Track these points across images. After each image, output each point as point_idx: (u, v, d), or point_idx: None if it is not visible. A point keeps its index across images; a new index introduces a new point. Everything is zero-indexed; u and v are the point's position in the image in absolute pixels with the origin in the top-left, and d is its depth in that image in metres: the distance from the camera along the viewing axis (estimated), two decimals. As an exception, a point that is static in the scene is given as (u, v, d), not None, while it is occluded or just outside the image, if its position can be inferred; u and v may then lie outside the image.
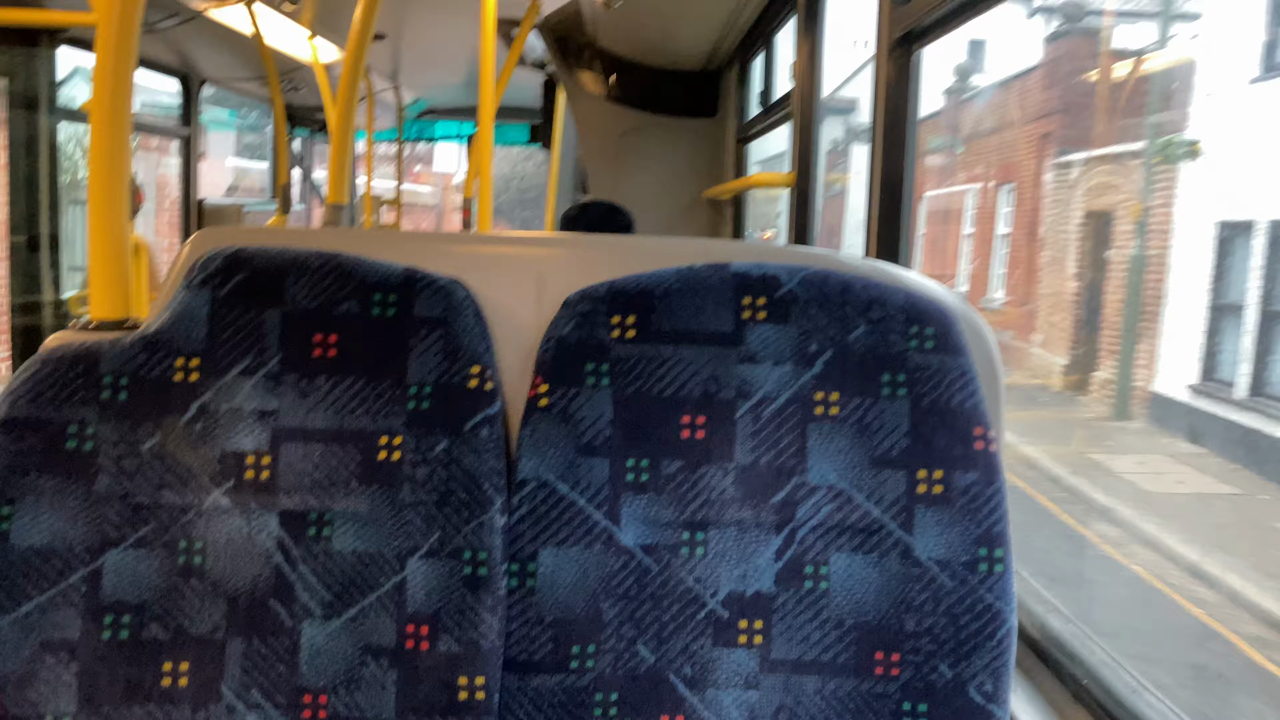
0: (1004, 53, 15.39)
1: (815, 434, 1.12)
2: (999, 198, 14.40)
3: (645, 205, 4.32)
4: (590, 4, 3.50)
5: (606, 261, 1.21)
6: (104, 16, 1.29)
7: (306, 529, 1.09)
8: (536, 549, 1.10)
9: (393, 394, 1.11)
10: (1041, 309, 12.60)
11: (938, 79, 15.96)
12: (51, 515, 1.07)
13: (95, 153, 1.31)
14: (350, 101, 2.30)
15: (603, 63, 4.36)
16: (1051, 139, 12.83)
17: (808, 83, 2.77)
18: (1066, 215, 12.10)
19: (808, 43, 2.74)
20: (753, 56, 3.83)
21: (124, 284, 1.32)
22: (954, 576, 1.09)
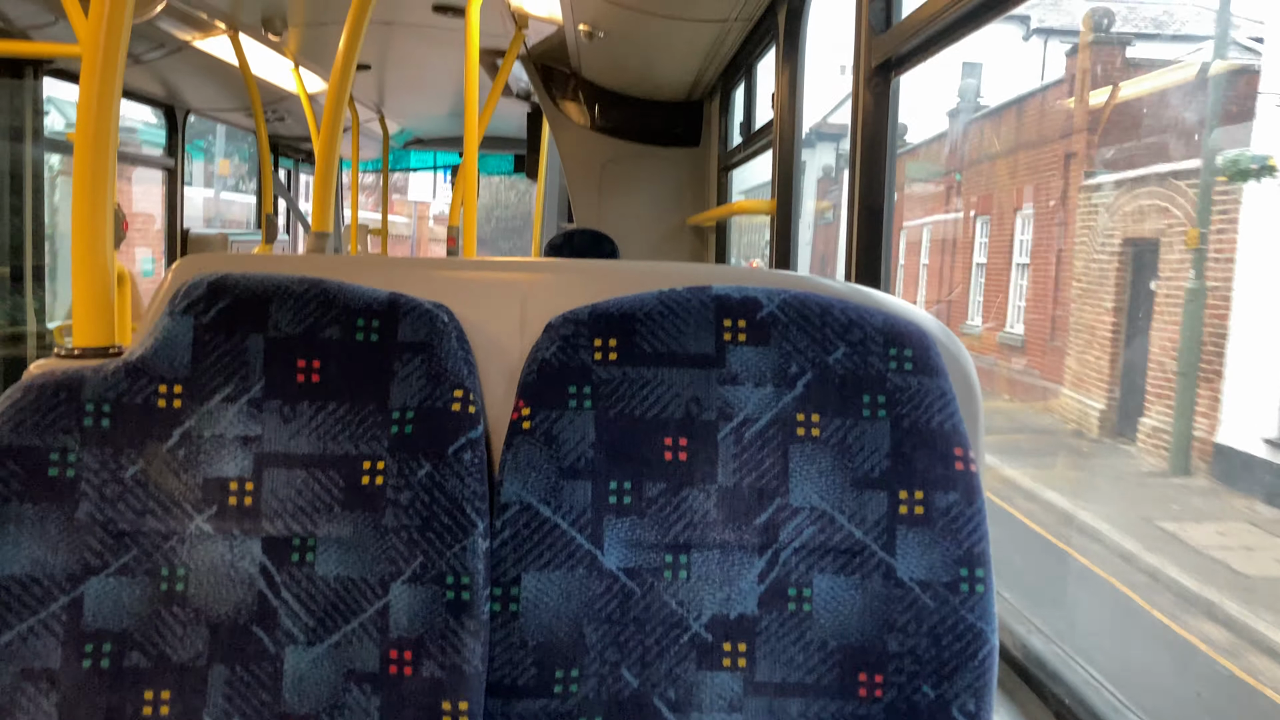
0: (1004, 75, 15.07)
1: (797, 455, 1.13)
2: (1016, 224, 13.42)
3: (629, 233, 4.35)
4: (574, 35, 3.54)
5: (589, 285, 1.22)
6: (89, 48, 1.30)
7: (289, 555, 1.09)
8: (519, 573, 1.10)
9: (376, 419, 1.11)
10: (1071, 345, 11.41)
11: (937, 100, 15.52)
12: (32, 543, 1.06)
13: (79, 182, 1.32)
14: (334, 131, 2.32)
15: (586, 93, 4.39)
16: (1078, 159, 11.60)
17: (788, 112, 2.81)
18: (1100, 242, 11.00)
19: (787, 72, 2.77)
20: (734, 86, 3.87)
21: (108, 311, 1.33)
22: (936, 597, 1.10)
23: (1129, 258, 10.27)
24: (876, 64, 1.87)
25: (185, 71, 4.68)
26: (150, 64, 4.34)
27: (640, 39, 3.47)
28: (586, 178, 4.48)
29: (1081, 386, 10.72)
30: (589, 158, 4.45)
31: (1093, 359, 10.69)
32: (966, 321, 13.92)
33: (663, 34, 3.35)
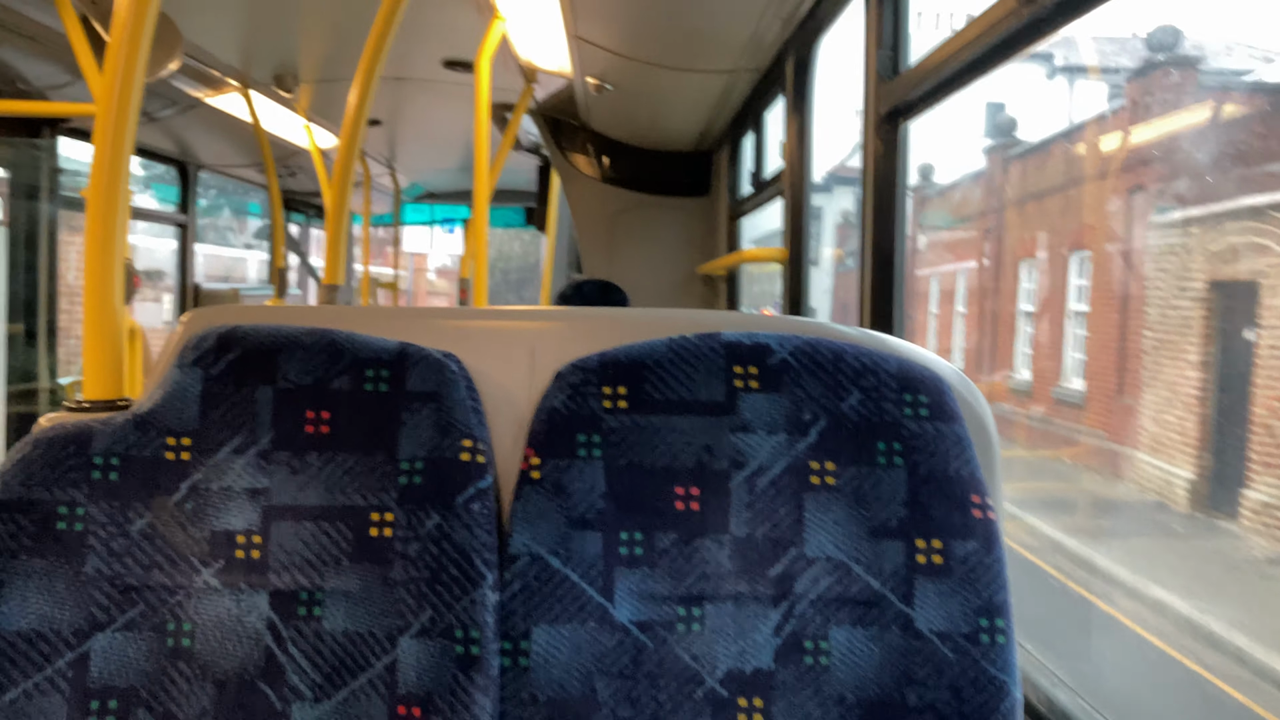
0: (1030, 114, 14.48)
1: (812, 504, 1.11)
2: (1069, 267, 11.96)
3: (640, 283, 4.37)
4: (583, 89, 3.58)
5: (598, 334, 1.22)
6: (103, 106, 1.31)
7: (297, 609, 1.07)
8: (529, 626, 1.08)
9: (384, 469, 1.10)
10: (1146, 403, 9.80)
11: (964, 138, 14.92)
12: (39, 598, 1.05)
13: (91, 238, 1.33)
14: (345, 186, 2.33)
15: (595, 145, 4.43)
16: (1145, 193, 10.06)
17: (797, 160, 2.82)
18: (1178, 286, 9.48)
19: (796, 121, 2.79)
20: (743, 135, 3.90)
21: (118, 365, 1.32)
22: (956, 649, 1.07)
23: (1217, 303, 8.66)
24: (885, 111, 1.88)
25: (198, 128, 4.74)
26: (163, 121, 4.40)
27: (649, 91, 3.50)
28: (596, 229, 4.50)
29: (1162, 451, 9.08)
30: (598, 209, 4.47)
31: (1175, 419, 9.03)
32: (1012, 375, 13.03)
33: (671, 86, 3.38)
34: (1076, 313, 11.79)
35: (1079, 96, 15.19)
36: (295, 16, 3.22)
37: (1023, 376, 12.68)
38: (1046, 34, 1.30)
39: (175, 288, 5.81)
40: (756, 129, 3.62)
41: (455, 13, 3.03)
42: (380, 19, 2.06)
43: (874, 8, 1.93)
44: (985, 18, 1.40)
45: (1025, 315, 13.05)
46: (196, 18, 3.07)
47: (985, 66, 1.50)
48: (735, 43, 2.84)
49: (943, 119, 2.21)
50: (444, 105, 4.42)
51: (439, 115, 4.77)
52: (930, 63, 1.64)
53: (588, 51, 3.07)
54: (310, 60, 3.74)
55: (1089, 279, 11.42)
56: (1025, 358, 12.68)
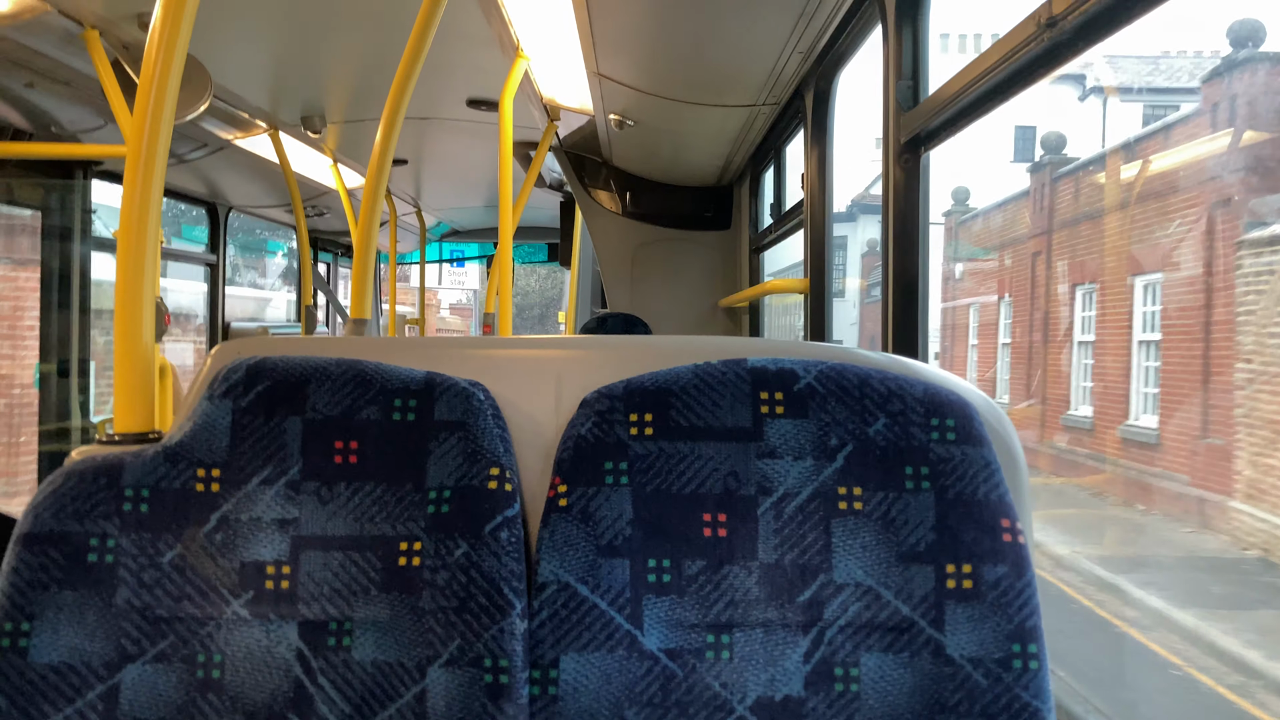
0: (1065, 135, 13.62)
1: (840, 530, 1.10)
2: (1136, 293, 10.55)
3: (663, 316, 4.38)
4: (604, 125, 3.61)
5: (623, 361, 1.22)
6: (133, 148, 1.34)
7: (326, 639, 1.07)
8: (558, 655, 1.08)
9: (413, 498, 1.11)
10: (1242, 445, 8.38)
11: (998, 161, 14.52)
12: (70, 631, 1.06)
13: (122, 276, 1.35)
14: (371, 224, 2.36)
15: (618, 181, 4.47)
16: (1231, 209, 8.61)
17: (818, 192, 2.83)
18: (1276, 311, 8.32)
19: (816, 153, 2.80)
20: (763, 169, 3.92)
21: (148, 398, 1.34)
22: (988, 675, 1.06)
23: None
24: (906, 140, 1.89)
25: (226, 169, 4.81)
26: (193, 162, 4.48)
27: (670, 127, 3.53)
28: (619, 263, 4.53)
29: (1263, 499, 7.85)
30: (621, 243, 4.50)
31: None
32: (1069, 412, 11.84)
33: (692, 121, 3.41)
34: (1145, 342, 10.53)
35: (1113, 117, 14.79)
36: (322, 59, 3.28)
37: (1081, 412, 11.59)
38: (1067, 59, 1.31)
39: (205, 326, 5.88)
40: (777, 162, 3.64)
41: (479, 53, 3.07)
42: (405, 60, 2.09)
43: (893, 39, 1.94)
44: (1004, 43, 1.40)
45: (1083, 346, 11.71)
46: (225, 61, 3.13)
47: (1006, 93, 1.51)
48: (755, 78, 2.86)
49: (969, 143, 2.14)
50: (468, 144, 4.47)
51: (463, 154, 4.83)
52: (949, 91, 1.65)
53: (609, 89, 3.10)
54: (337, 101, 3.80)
55: (1158, 304, 10.23)
56: (1084, 392, 11.50)
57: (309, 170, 4.96)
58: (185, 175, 4.85)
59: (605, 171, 4.46)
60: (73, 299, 4.20)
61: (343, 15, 2.79)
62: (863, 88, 2.47)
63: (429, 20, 1.96)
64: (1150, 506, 9.36)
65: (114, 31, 2.71)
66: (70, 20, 2.61)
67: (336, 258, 8.72)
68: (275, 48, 3.15)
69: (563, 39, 2.80)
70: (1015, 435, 1.20)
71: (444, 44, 2.76)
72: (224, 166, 4.71)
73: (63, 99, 3.34)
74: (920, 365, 1.23)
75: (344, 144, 4.52)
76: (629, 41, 2.67)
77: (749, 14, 2.34)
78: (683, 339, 1.27)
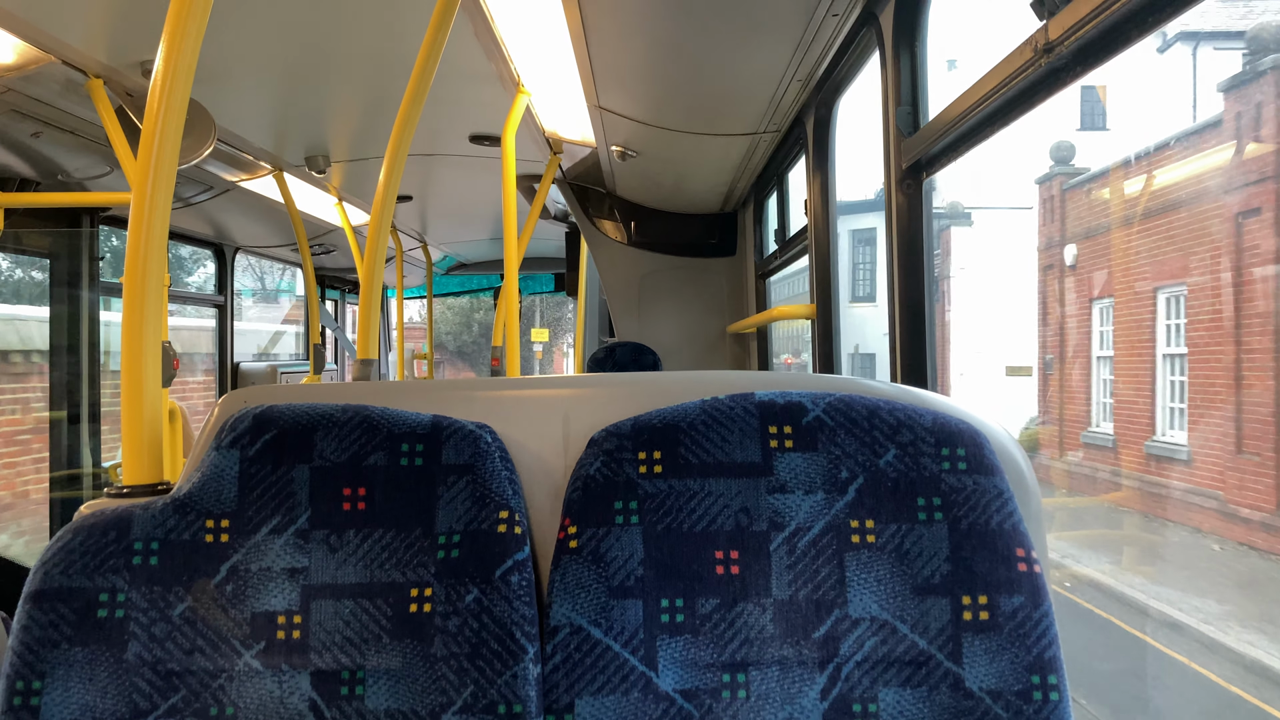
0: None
1: (853, 564, 1.09)
2: (1158, 305, 9.62)
3: (671, 344, 4.38)
4: (607, 156, 3.62)
5: (631, 398, 1.22)
6: (139, 192, 1.34)
7: (339, 688, 1.07)
8: (572, 699, 1.07)
9: (422, 544, 1.10)
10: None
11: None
12: (82, 688, 1.05)
13: (129, 322, 1.35)
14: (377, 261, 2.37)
15: (622, 211, 4.48)
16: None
17: (821, 217, 2.83)
18: None
19: (819, 178, 2.81)
20: (766, 195, 3.92)
21: (157, 449, 1.34)
22: (1008, 708, 1.05)
23: None
24: (907, 165, 1.89)
25: (232, 211, 4.84)
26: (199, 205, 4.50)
27: (672, 156, 3.54)
28: (626, 292, 4.53)
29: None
30: (627, 273, 4.51)
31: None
32: (1091, 428, 11.34)
33: (694, 150, 3.42)
34: (1169, 356, 9.98)
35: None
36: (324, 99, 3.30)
37: (1103, 430, 11.28)
38: (1066, 83, 1.31)
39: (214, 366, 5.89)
40: (779, 188, 3.65)
41: (480, 89, 3.09)
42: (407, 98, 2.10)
43: (890, 65, 1.95)
44: (1002, 69, 1.40)
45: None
46: (228, 104, 3.16)
47: (1005, 117, 1.51)
48: (755, 106, 2.87)
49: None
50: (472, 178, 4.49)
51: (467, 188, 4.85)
52: (949, 116, 1.65)
53: (611, 121, 3.12)
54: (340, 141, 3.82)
55: (1183, 317, 9.44)
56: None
57: (314, 209, 4.99)
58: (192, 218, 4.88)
59: (609, 202, 4.47)
60: (82, 344, 4.22)
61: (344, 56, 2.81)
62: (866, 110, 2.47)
63: (430, 58, 1.97)
64: (1193, 524, 8.82)
65: (118, 80, 2.73)
66: (75, 70, 2.63)
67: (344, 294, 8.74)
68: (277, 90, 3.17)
69: (563, 73, 2.82)
70: (1028, 463, 1.19)
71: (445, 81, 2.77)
72: (230, 208, 4.74)
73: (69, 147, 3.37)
74: (928, 394, 1.22)
75: (348, 182, 4.54)
76: (629, 74, 2.69)
77: (747, 44, 2.35)
78: (689, 374, 1.26)
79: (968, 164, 13.57)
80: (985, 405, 1.34)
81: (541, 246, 6.84)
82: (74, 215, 4.17)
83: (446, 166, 4.29)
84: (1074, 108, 15.65)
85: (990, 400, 13.98)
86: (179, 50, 1.34)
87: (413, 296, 8.92)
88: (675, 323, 4.50)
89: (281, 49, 2.74)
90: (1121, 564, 9.43)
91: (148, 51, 2.59)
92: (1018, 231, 15.31)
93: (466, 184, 4.72)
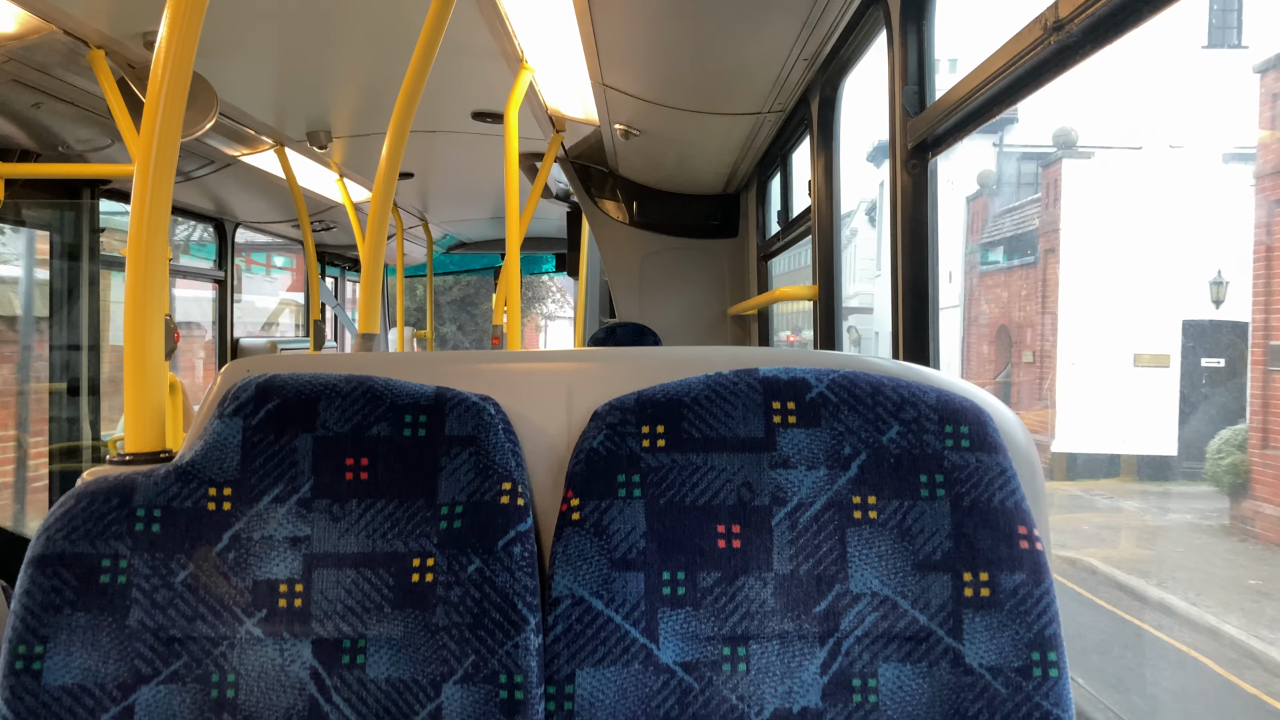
0: None
1: (855, 539, 1.10)
2: None
3: (672, 325, 4.38)
4: (610, 135, 3.61)
5: (634, 373, 1.22)
6: (141, 166, 1.34)
7: (340, 657, 1.07)
8: (573, 669, 1.07)
9: (424, 514, 1.10)
10: None
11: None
12: (84, 652, 1.05)
13: (131, 294, 1.34)
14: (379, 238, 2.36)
15: (624, 191, 4.47)
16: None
17: (825, 198, 2.82)
18: None
19: (823, 159, 2.80)
20: (770, 176, 3.92)
21: (159, 418, 1.34)
22: (1008, 684, 1.05)
23: None
24: (913, 145, 1.88)
25: (233, 186, 4.83)
26: (200, 179, 4.49)
27: (676, 136, 3.53)
28: (627, 273, 4.53)
29: None
30: (629, 253, 4.50)
31: None
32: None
33: (697, 130, 3.41)
34: None
35: None
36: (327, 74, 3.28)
37: None
38: (1075, 62, 1.30)
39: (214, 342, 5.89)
40: (783, 169, 3.64)
41: (483, 65, 3.07)
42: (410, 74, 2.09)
43: (897, 45, 1.94)
44: (1011, 47, 1.40)
45: None
46: (231, 78, 3.14)
47: (1013, 96, 1.50)
48: (760, 85, 2.86)
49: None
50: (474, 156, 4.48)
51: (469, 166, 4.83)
52: (956, 95, 1.64)
53: (615, 99, 3.10)
54: (342, 116, 3.81)
55: None
56: None
57: (315, 185, 4.97)
58: (193, 192, 4.87)
59: (611, 181, 4.46)
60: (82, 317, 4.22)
61: (347, 31, 2.79)
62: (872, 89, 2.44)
63: (433, 34, 1.96)
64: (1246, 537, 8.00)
65: (120, 51, 2.72)
66: (76, 40, 2.62)
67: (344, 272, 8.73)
68: (280, 64, 3.16)
69: (567, 50, 2.80)
70: (1031, 441, 1.19)
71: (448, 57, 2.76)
72: (231, 183, 4.73)
73: (70, 119, 3.35)
74: (932, 372, 1.22)
75: (350, 158, 4.53)
76: (633, 52, 2.67)
77: (753, 22, 2.34)
78: (693, 350, 1.26)
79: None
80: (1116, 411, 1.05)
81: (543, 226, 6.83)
82: (74, 188, 4.16)
83: (448, 144, 4.28)
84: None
85: (1120, 402, 10.28)
86: (182, 21, 1.34)
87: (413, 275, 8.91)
88: (676, 304, 4.50)
89: (284, 22, 2.72)
90: None
91: (150, 22, 2.58)
92: (1161, 173, 10.83)
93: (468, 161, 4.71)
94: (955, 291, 12.82)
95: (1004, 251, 11.54)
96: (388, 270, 7.83)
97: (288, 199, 4.80)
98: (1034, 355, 11.12)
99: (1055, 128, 11.53)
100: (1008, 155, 11.72)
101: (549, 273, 8.59)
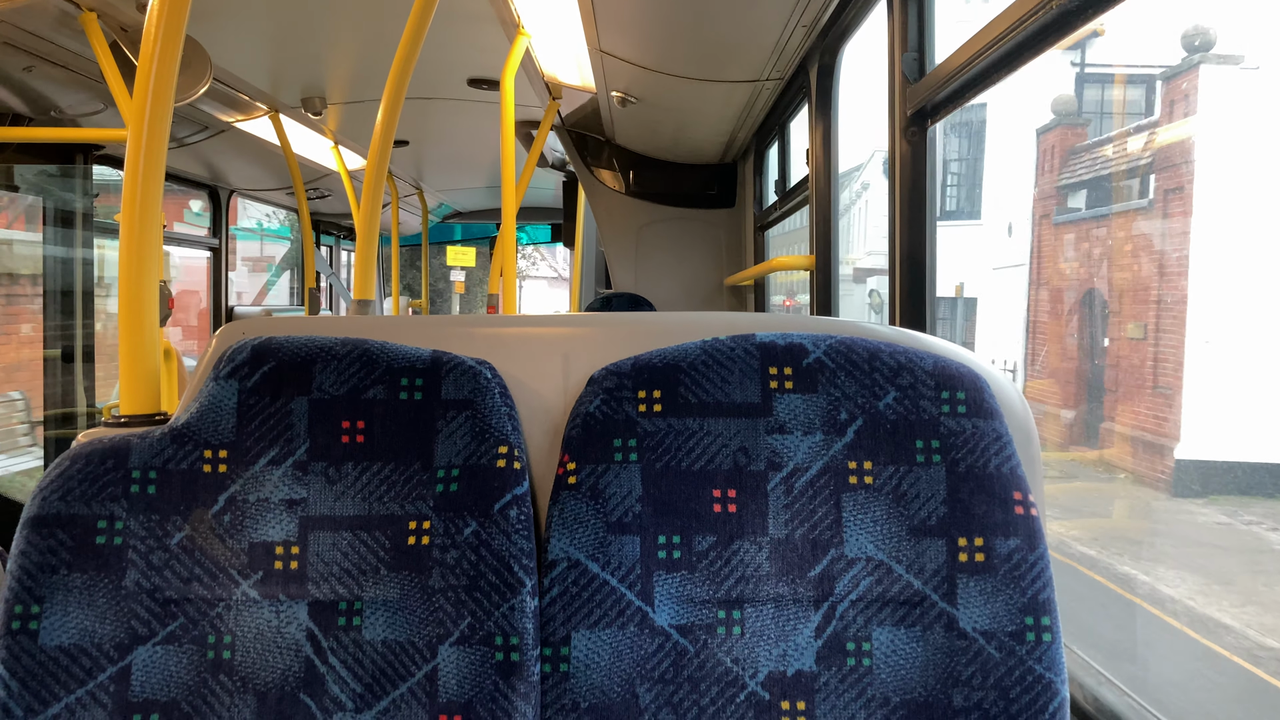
0: None
1: (850, 504, 1.10)
2: None
3: (668, 295, 4.37)
4: (607, 103, 3.59)
5: (631, 338, 1.21)
6: (134, 131, 1.33)
7: (336, 619, 1.07)
8: (569, 632, 1.07)
9: (421, 477, 1.10)
10: None
11: None
12: (80, 613, 1.06)
13: (125, 261, 1.34)
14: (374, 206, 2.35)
15: (621, 159, 4.45)
16: None
17: (823, 167, 2.81)
18: None
19: (821, 128, 2.78)
20: (768, 146, 3.89)
21: (154, 380, 1.34)
22: (1001, 648, 1.06)
23: None
24: (912, 112, 1.87)
25: (228, 153, 4.80)
26: (194, 146, 4.46)
27: (673, 103, 3.51)
28: (623, 242, 4.51)
29: None
30: (625, 222, 4.48)
31: None
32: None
33: (695, 97, 3.39)
34: None
35: None
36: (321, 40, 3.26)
37: None
38: (1076, 27, 1.29)
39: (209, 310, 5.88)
40: (781, 138, 3.62)
41: (479, 31, 3.05)
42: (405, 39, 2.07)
43: (898, 11, 1.92)
44: (1012, 12, 1.39)
45: None
46: (224, 42, 3.11)
47: (1014, 63, 1.49)
48: (759, 52, 2.84)
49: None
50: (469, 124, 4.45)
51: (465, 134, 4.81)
52: (956, 62, 1.63)
53: (612, 65, 3.08)
54: (337, 83, 3.78)
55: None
56: None
57: (310, 152, 4.94)
58: (187, 159, 4.84)
59: (608, 150, 4.43)
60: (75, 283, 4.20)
61: (342, -6, 2.77)
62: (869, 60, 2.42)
63: None
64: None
65: (112, 14, 2.69)
66: (68, 2, 2.59)
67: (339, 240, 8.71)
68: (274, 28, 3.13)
69: (564, 15, 2.78)
70: (1027, 408, 1.19)
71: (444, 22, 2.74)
72: (225, 150, 4.70)
73: (62, 83, 3.32)
74: (929, 338, 1.22)
75: (345, 125, 4.50)
76: (631, 17, 2.65)
77: (752, -13, 2.32)
78: (690, 315, 1.26)
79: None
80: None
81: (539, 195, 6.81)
82: (67, 152, 4.13)
83: (444, 111, 4.25)
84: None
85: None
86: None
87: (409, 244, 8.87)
88: (673, 274, 4.49)
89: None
90: None
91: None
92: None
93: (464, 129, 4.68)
94: (1017, 247, 10.19)
95: (1095, 195, 8.87)
96: (383, 240, 7.82)
97: (282, 166, 4.78)
98: (1144, 329, 8.34)
99: (1190, 26, 8.39)
100: (1092, 78, 8.99)
101: (545, 243, 8.56)
